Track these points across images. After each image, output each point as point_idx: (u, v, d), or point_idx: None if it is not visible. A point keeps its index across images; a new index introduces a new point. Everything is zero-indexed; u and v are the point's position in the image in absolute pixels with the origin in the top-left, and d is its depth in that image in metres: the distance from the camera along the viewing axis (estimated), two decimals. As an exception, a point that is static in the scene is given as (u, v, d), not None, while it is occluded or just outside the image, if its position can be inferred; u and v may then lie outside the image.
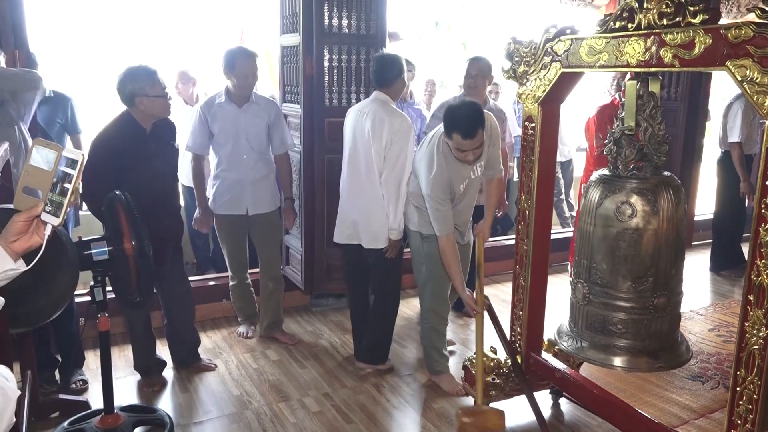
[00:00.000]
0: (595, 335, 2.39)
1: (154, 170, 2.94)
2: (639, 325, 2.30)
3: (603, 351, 2.37)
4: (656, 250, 2.24)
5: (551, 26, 2.36)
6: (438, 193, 2.80)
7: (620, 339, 2.33)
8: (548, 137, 2.57)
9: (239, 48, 3.46)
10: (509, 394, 2.81)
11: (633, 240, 2.25)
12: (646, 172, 2.28)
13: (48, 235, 1.21)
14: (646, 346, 2.32)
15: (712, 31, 1.77)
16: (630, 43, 2.03)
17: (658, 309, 2.29)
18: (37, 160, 1.16)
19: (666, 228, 2.24)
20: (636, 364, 2.34)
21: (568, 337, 2.51)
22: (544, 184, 2.62)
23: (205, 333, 3.81)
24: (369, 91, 3.83)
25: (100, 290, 2.49)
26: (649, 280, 2.27)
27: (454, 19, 11.97)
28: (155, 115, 2.92)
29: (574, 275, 2.48)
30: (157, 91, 2.86)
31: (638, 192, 2.24)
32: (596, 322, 2.38)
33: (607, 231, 2.30)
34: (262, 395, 3.10)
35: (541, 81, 2.44)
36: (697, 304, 4.27)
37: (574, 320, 2.50)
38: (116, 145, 2.84)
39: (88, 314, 3.00)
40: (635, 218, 2.24)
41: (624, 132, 2.29)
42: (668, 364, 2.38)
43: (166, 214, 3.03)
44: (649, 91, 2.25)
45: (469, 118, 2.66)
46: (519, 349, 2.80)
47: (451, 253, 2.84)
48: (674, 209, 2.25)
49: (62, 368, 3.18)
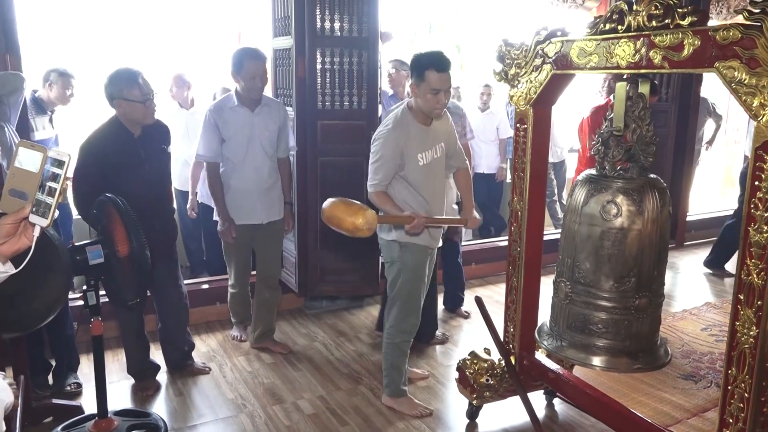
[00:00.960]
0: (576, 334, 2.38)
1: (144, 175, 2.89)
2: (620, 326, 2.30)
3: (583, 350, 2.37)
4: (640, 250, 2.25)
5: (542, 28, 2.37)
6: (387, 152, 2.70)
7: (600, 339, 2.33)
8: (540, 138, 2.59)
9: (247, 48, 3.35)
10: (503, 395, 2.82)
11: (617, 239, 2.25)
12: (633, 172, 2.29)
13: (36, 236, 1.20)
14: (626, 346, 2.32)
15: (700, 33, 1.79)
16: (620, 45, 2.04)
17: (640, 310, 2.29)
18: (22, 162, 1.16)
19: (650, 229, 2.25)
20: (615, 364, 2.34)
21: (549, 336, 2.51)
22: (536, 185, 2.63)
23: (199, 336, 3.81)
24: (362, 93, 3.84)
25: (93, 294, 2.48)
26: (631, 281, 2.27)
27: (447, 21, 12.00)
28: (135, 120, 2.85)
29: (556, 274, 2.48)
30: (135, 95, 2.77)
31: (624, 192, 2.25)
32: (577, 321, 2.38)
33: (592, 230, 2.30)
34: (257, 398, 3.09)
35: (533, 83, 2.46)
36: (690, 304, 4.29)
37: (555, 319, 2.50)
38: (102, 150, 2.80)
39: (81, 318, 2.99)
40: (620, 218, 2.25)
41: (612, 132, 2.31)
42: (647, 365, 2.38)
43: (157, 219, 2.98)
44: (639, 93, 2.27)
45: (438, 53, 2.70)
46: (512, 350, 2.81)
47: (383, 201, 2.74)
48: (659, 211, 2.26)
49: (56, 372, 3.16)
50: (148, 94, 2.81)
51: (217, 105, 3.41)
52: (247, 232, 3.47)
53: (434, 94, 2.66)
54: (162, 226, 3.06)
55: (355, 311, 4.25)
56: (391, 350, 2.94)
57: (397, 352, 2.94)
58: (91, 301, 2.49)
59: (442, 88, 2.66)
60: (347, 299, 4.30)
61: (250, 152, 3.35)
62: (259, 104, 3.37)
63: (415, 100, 2.74)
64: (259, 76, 3.30)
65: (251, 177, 3.37)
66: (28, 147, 1.17)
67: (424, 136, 2.79)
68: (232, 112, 3.34)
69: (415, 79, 2.70)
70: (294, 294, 4.15)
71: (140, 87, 2.78)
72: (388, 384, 3.00)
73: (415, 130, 2.77)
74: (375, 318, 4.01)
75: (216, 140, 3.35)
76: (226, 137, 3.35)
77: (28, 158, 1.16)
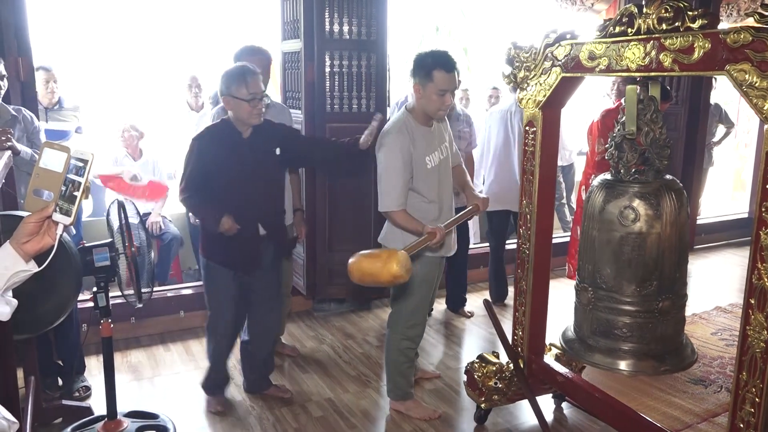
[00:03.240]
0: (601, 339, 2.39)
1: (249, 177, 2.74)
2: (644, 329, 2.31)
3: (609, 355, 2.38)
4: (660, 253, 2.25)
5: (551, 31, 2.37)
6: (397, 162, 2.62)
7: (625, 343, 2.34)
8: (549, 141, 2.58)
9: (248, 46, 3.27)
10: (511, 398, 2.81)
11: (637, 244, 2.25)
12: (648, 176, 2.29)
13: (60, 234, 1.22)
14: (651, 349, 2.32)
15: (710, 35, 1.78)
16: (630, 48, 2.04)
17: (663, 312, 2.30)
18: (46, 162, 1.18)
19: (669, 232, 2.25)
20: (641, 367, 2.35)
21: (573, 342, 2.51)
22: (545, 188, 2.63)
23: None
24: (370, 96, 3.85)
25: (103, 296, 2.51)
26: (653, 284, 2.27)
27: (454, 24, 12.00)
28: (241, 120, 2.70)
29: (578, 279, 2.49)
30: (242, 93, 2.63)
31: (641, 196, 2.25)
32: (601, 326, 2.38)
33: (611, 235, 2.30)
34: (264, 400, 3.10)
35: (542, 86, 2.46)
36: (700, 308, 4.26)
37: (578, 324, 2.50)
38: (208, 147, 2.71)
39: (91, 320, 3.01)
40: (638, 222, 2.24)
41: (625, 136, 2.30)
42: (674, 367, 2.39)
43: (264, 223, 2.83)
44: (650, 96, 2.27)
45: (444, 53, 2.67)
46: (521, 353, 2.80)
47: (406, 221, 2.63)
48: (677, 213, 2.25)
49: (64, 374, 3.19)
50: (256, 93, 2.66)
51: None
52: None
53: (441, 95, 2.62)
54: (270, 230, 2.87)
55: (363, 314, 4.25)
56: (395, 356, 2.90)
57: (402, 358, 2.90)
58: (101, 303, 2.52)
59: (449, 88, 2.63)
60: (355, 302, 4.31)
61: None
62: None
63: (418, 101, 2.68)
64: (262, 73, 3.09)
65: None
66: (53, 147, 1.19)
67: (429, 138, 2.75)
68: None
69: (419, 80, 2.63)
70: (302, 296, 4.16)
71: (248, 85, 2.64)
72: (392, 389, 2.97)
73: (419, 133, 2.71)
74: (383, 320, 4.01)
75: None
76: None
77: (53, 158, 1.18)
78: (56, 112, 4.18)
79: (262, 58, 3.23)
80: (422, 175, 2.72)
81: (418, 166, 2.70)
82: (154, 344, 3.75)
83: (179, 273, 4.82)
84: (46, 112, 4.10)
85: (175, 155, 4.68)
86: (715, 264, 5.42)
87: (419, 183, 2.71)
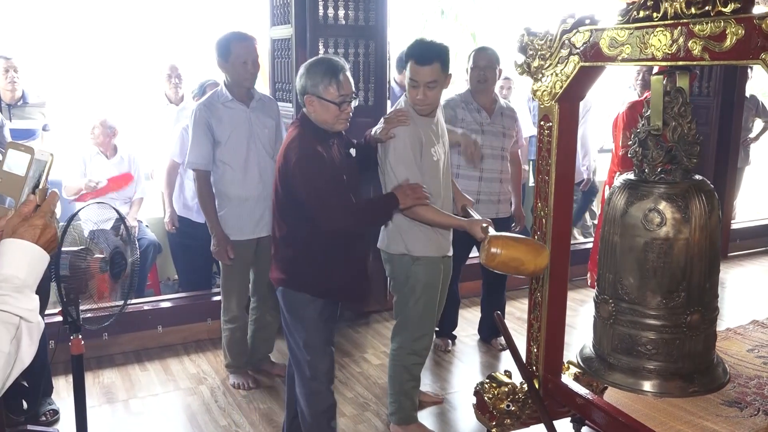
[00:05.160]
0: (623, 357, 2.39)
1: (355, 186, 2.64)
2: (671, 345, 2.31)
3: (631, 375, 2.38)
4: (688, 261, 2.26)
5: (569, 16, 2.38)
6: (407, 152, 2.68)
7: (650, 361, 2.34)
8: (566, 137, 2.59)
9: (233, 32, 3.25)
10: (526, 422, 2.81)
11: (662, 251, 2.26)
12: (676, 175, 2.29)
13: None
14: (678, 368, 2.32)
15: (744, 20, 1.79)
16: (655, 35, 2.05)
17: (692, 327, 2.30)
18: (10, 164, 1.20)
19: (699, 237, 2.25)
20: (668, 388, 2.35)
21: (592, 360, 2.52)
22: (562, 188, 2.64)
23: (188, 356, 3.83)
24: (369, 87, 3.87)
25: (73, 309, 2.50)
26: (681, 295, 2.27)
27: (461, 7, 12.03)
28: (324, 123, 2.53)
29: (597, 291, 2.49)
30: (331, 94, 2.47)
31: (667, 198, 2.26)
32: (623, 343, 2.38)
33: (634, 241, 2.31)
34: (252, 425, 3.10)
35: (558, 76, 2.47)
36: (735, 322, 4.27)
37: (598, 340, 2.51)
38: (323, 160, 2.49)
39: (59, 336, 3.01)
40: (665, 227, 2.25)
41: (650, 132, 2.31)
42: (704, 388, 2.39)
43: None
44: (677, 87, 2.28)
45: (425, 43, 2.72)
46: (536, 373, 2.81)
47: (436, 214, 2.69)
48: (707, 216, 2.26)
49: (29, 397, 3.18)
50: (347, 95, 2.51)
51: (208, 101, 3.28)
52: (250, 249, 3.36)
53: (413, 86, 2.70)
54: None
55: (360, 329, 4.26)
56: (400, 374, 2.92)
57: (407, 376, 2.92)
58: (71, 316, 2.51)
59: (420, 81, 2.68)
60: (352, 315, 4.31)
61: (252, 154, 3.23)
62: (253, 98, 3.30)
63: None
64: (251, 61, 3.19)
65: (255, 183, 3.25)
66: (18, 149, 1.21)
67: (434, 130, 2.82)
68: (227, 108, 3.22)
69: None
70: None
71: (340, 85, 2.48)
72: (395, 411, 2.98)
73: (422, 122, 2.78)
74: (383, 336, 4.02)
75: (209, 144, 3.21)
76: (221, 139, 3.21)
77: (16, 160, 1.20)
78: (20, 108, 4.21)
79: (249, 45, 3.23)
80: (428, 168, 2.77)
81: (425, 158, 2.75)
82: (129, 363, 3.75)
83: (157, 284, 4.82)
84: (9, 109, 4.12)
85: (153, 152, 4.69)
86: (752, 273, 5.44)
87: (425, 176, 2.75)
